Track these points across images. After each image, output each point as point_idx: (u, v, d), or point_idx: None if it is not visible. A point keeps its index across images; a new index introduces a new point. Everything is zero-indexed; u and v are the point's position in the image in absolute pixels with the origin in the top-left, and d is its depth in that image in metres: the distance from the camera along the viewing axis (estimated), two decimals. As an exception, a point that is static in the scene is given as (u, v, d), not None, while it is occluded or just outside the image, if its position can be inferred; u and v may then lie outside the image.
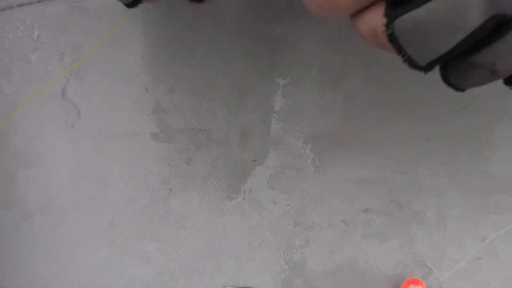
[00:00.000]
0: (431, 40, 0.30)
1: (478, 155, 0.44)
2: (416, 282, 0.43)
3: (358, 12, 0.33)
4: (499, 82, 0.31)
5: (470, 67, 0.32)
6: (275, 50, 0.46)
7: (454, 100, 0.45)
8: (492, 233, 0.44)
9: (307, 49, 0.46)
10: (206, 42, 0.47)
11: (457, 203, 0.44)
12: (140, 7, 0.41)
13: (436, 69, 0.32)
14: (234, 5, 0.47)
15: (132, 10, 0.45)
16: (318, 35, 0.46)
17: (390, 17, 0.30)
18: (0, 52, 0.49)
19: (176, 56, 0.47)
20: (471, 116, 0.45)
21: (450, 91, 0.32)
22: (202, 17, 0.47)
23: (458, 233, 0.44)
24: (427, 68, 0.31)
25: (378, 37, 0.32)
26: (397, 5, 0.30)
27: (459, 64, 0.32)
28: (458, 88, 0.33)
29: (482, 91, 0.40)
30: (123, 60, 0.47)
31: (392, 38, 0.31)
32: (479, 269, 0.43)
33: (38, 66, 0.48)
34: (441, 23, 0.29)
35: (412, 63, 0.31)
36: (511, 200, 0.44)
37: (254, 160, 0.45)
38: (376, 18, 0.31)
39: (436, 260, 0.44)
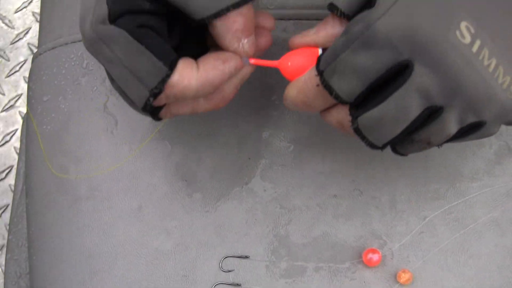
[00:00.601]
0: (385, 129, 0.36)
1: (419, 154, 0.49)
2: (374, 251, 0.48)
3: (326, 109, 0.39)
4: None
5: (412, 141, 0.37)
6: (267, 75, 0.53)
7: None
8: (431, 213, 0.49)
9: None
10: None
11: (405, 191, 0.50)
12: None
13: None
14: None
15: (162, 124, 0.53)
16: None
17: (354, 116, 0.36)
18: (58, 77, 0.56)
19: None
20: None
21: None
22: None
23: (405, 213, 0.50)
24: (383, 147, 0.37)
25: (345, 127, 0.37)
26: (357, 106, 0.36)
27: (404, 140, 0.37)
28: (403, 154, 0.39)
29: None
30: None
31: (357, 130, 0.36)
32: (421, 241, 0.49)
33: (86, 87, 0.55)
34: (390, 118, 0.35)
35: (372, 146, 0.37)
36: (445, 188, 0.50)
37: (249, 158, 0.52)
38: (341, 114, 0.37)
39: (389, 234, 0.49)
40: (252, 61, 0.40)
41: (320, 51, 0.39)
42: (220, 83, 0.39)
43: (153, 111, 0.39)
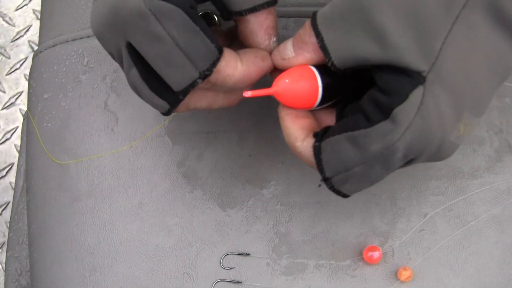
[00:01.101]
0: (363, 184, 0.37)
1: (420, 151, 0.52)
2: (374, 249, 0.48)
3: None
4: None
5: None
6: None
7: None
8: (432, 210, 0.49)
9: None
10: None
11: (405, 188, 0.50)
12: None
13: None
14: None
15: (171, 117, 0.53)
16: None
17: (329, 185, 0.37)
18: (58, 74, 0.56)
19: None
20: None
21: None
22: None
23: (406, 210, 0.50)
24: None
25: None
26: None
27: None
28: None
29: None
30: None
31: (333, 191, 0.37)
32: (422, 238, 0.49)
33: (87, 85, 0.55)
34: (376, 175, 0.35)
35: (340, 195, 0.37)
36: (446, 185, 0.50)
37: (249, 155, 0.51)
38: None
39: (390, 231, 0.49)
40: (249, 93, 0.37)
41: (315, 71, 0.37)
42: (256, 79, 0.39)
43: (173, 103, 0.38)
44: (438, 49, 0.32)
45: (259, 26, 0.39)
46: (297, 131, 0.38)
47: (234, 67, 0.37)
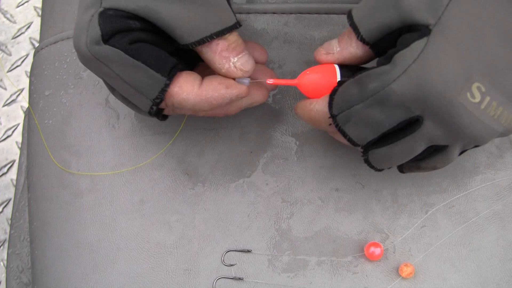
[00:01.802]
0: (391, 162, 0.41)
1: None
2: (376, 245, 0.48)
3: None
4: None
5: (419, 167, 0.42)
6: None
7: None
8: (433, 206, 0.49)
9: (290, 69, 0.53)
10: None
11: (406, 184, 0.50)
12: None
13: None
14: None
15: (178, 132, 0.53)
16: (297, 59, 0.53)
17: (365, 150, 0.41)
18: (60, 71, 0.56)
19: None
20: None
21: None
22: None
23: (407, 207, 0.50)
24: (382, 169, 0.42)
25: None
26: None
27: (411, 166, 0.43)
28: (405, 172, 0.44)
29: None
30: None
31: (366, 160, 0.42)
32: (423, 235, 0.49)
33: (88, 81, 0.55)
34: (397, 155, 0.39)
35: (375, 169, 0.42)
36: (447, 181, 0.50)
37: (251, 152, 0.51)
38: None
39: (391, 227, 0.49)
40: (271, 81, 0.42)
41: (337, 68, 0.41)
42: (219, 104, 0.41)
43: (158, 111, 0.42)
44: (445, 4, 0.34)
45: (211, 53, 0.40)
46: (311, 100, 0.41)
47: (189, 91, 0.40)
